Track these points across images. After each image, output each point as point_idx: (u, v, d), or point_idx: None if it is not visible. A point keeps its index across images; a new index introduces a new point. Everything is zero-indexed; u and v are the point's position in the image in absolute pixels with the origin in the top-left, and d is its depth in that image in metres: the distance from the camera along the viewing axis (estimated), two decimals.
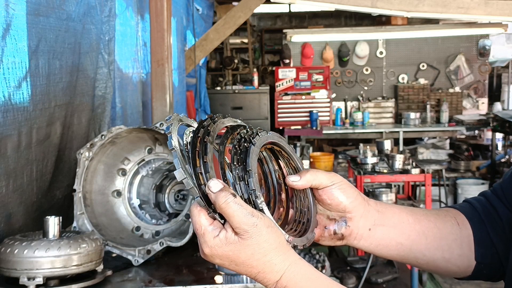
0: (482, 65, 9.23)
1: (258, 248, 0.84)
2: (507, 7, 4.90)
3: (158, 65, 4.00)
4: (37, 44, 2.19)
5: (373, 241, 1.02)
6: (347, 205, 0.99)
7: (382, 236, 1.02)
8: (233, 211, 0.83)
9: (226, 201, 0.83)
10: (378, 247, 1.03)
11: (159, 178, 2.56)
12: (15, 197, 2.12)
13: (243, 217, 0.83)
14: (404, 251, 1.03)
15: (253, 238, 0.83)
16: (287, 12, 12.34)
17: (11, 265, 1.81)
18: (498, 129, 7.73)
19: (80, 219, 2.29)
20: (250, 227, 0.83)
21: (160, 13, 3.95)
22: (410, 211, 1.06)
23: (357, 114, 8.76)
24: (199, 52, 6.37)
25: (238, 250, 0.84)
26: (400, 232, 1.03)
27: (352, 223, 1.00)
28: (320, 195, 0.98)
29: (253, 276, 0.88)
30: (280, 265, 0.86)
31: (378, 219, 1.02)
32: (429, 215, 1.06)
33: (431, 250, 1.03)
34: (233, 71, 10.56)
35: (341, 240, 1.02)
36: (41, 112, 2.26)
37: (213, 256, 0.86)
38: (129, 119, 3.78)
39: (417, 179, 5.48)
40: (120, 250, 2.24)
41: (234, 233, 0.84)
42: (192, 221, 0.87)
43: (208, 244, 0.85)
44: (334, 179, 0.98)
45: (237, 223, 0.83)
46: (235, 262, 0.86)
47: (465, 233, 1.05)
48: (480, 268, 1.04)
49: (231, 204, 0.83)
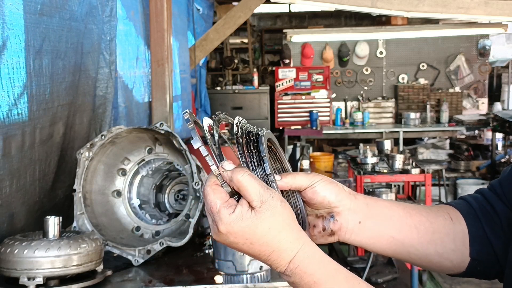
0: (482, 65, 9.23)
1: (274, 222, 0.84)
2: (507, 7, 4.90)
3: (158, 65, 4.01)
4: (41, 44, 2.19)
5: (365, 234, 1.01)
6: (331, 200, 0.98)
7: (373, 229, 1.01)
8: (250, 183, 0.84)
9: (243, 175, 0.84)
10: (370, 240, 1.02)
11: (159, 178, 2.57)
12: (18, 196, 2.12)
13: (260, 188, 0.84)
14: (396, 245, 1.03)
15: (269, 210, 0.84)
16: (287, 12, 12.34)
17: (11, 265, 1.81)
18: (498, 129, 7.73)
19: (80, 219, 2.29)
20: (266, 197, 0.84)
21: (160, 13, 3.95)
22: (401, 205, 1.05)
23: (357, 114, 8.76)
24: (199, 52, 6.37)
25: (254, 225, 0.84)
26: (391, 225, 1.02)
27: (340, 217, 1.00)
28: (304, 196, 0.98)
29: (266, 255, 0.86)
30: (294, 243, 0.86)
31: (367, 212, 1.01)
32: (420, 210, 1.06)
33: (423, 244, 1.03)
34: (233, 71, 10.56)
35: (332, 236, 1.01)
36: (44, 112, 2.26)
37: (228, 234, 0.85)
38: (135, 119, 3.78)
39: (417, 179, 5.48)
40: (120, 250, 2.24)
41: (249, 208, 0.84)
42: (207, 200, 0.86)
43: (224, 221, 0.84)
44: (314, 178, 0.98)
45: (254, 194, 0.84)
46: (250, 240, 0.85)
47: (458, 228, 1.04)
48: (475, 264, 1.03)
49: (248, 177, 0.84)
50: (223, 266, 1.84)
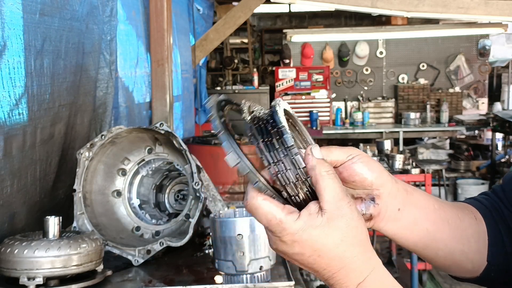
0: (482, 65, 9.23)
1: (348, 234, 0.74)
2: (507, 7, 4.90)
3: (158, 65, 4.01)
4: (42, 44, 2.19)
5: (401, 223, 0.91)
6: (373, 181, 0.86)
7: (410, 219, 0.91)
8: (332, 181, 0.74)
9: (328, 171, 0.74)
10: (405, 231, 0.92)
11: (159, 178, 2.57)
12: (19, 196, 2.12)
13: (340, 192, 0.74)
14: (428, 239, 0.94)
15: (344, 218, 0.73)
16: (287, 12, 12.34)
17: (11, 265, 1.81)
18: (498, 129, 7.73)
19: (80, 219, 2.29)
20: (343, 204, 0.73)
21: (160, 13, 3.96)
22: (433, 197, 0.98)
23: (357, 114, 8.76)
24: (199, 52, 6.37)
25: (325, 234, 0.73)
26: (427, 217, 0.93)
27: (380, 201, 0.88)
28: (340, 173, 0.83)
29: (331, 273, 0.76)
30: (366, 264, 0.76)
31: (406, 198, 0.90)
32: (451, 205, 0.99)
33: (452, 241, 0.96)
34: (233, 71, 10.56)
35: (369, 221, 0.89)
36: (45, 112, 2.26)
37: (294, 244, 0.74)
38: (136, 119, 3.78)
39: (417, 179, 5.48)
40: (120, 250, 2.24)
41: (319, 212, 0.73)
42: (259, 214, 0.75)
43: (289, 231, 0.73)
44: (352, 152, 0.85)
45: (331, 196, 0.73)
46: (319, 252, 0.74)
47: (481, 228, 0.99)
48: (490, 270, 0.99)
49: (332, 175, 0.74)
50: (223, 266, 1.84)
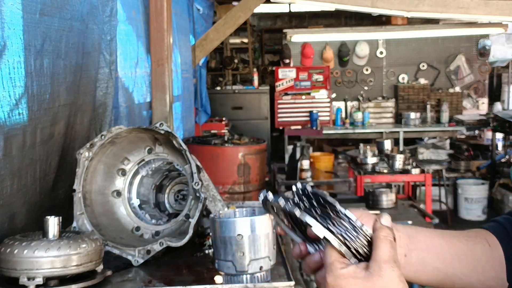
0: (482, 65, 9.23)
1: None
2: (507, 7, 4.90)
3: (158, 65, 4.01)
4: (41, 44, 2.19)
5: (411, 267, 0.99)
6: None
7: (419, 261, 1.00)
8: (384, 245, 0.83)
9: (387, 236, 0.84)
10: (416, 273, 1.00)
11: (159, 178, 2.57)
12: (19, 196, 2.12)
13: (389, 255, 0.83)
14: (441, 276, 1.01)
15: (382, 278, 0.81)
16: (287, 12, 12.34)
17: (11, 265, 1.81)
18: (498, 129, 7.73)
19: (80, 219, 2.29)
20: (388, 266, 0.82)
21: (160, 13, 3.96)
22: (440, 234, 1.04)
23: (357, 114, 8.76)
24: (199, 52, 6.37)
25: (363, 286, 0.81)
26: (435, 256, 1.01)
27: None
28: None
29: None
30: None
31: (410, 243, 0.99)
32: (459, 237, 1.05)
33: (466, 273, 1.01)
34: (233, 71, 10.56)
35: None
36: (45, 112, 2.26)
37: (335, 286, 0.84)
38: (136, 119, 3.78)
39: (417, 179, 5.49)
40: (120, 250, 2.24)
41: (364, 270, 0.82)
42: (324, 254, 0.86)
43: (334, 273, 0.83)
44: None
45: (380, 257, 0.82)
46: None
47: (496, 254, 1.03)
48: None
49: (389, 240, 0.84)
50: (223, 266, 1.84)
